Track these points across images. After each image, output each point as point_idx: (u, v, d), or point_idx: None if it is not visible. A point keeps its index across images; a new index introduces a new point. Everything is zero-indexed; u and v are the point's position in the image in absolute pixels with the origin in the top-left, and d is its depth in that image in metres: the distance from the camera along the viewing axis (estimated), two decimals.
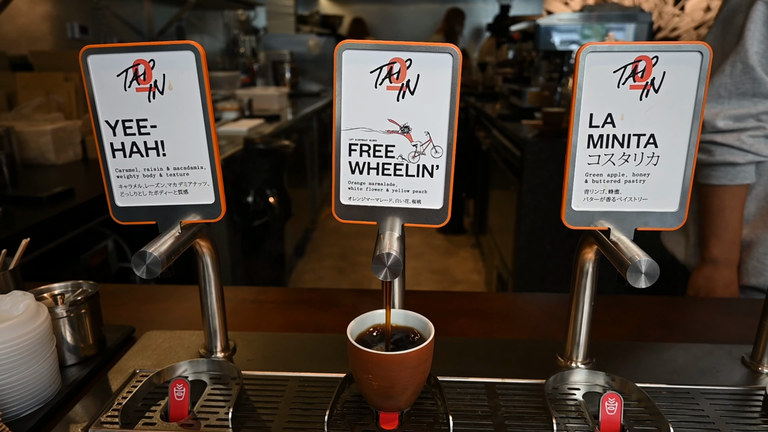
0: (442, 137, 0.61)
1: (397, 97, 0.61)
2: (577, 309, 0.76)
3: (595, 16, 3.42)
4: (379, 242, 0.61)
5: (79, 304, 0.78)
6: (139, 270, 0.59)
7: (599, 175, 0.62)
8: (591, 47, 0.57)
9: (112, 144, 0.63)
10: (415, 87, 0.60)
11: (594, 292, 0.75)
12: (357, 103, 0.61)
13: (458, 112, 0.60)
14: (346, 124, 0.62)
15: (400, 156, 0.63)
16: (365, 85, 0.60)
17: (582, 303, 0.76)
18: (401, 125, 0.61)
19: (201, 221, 0.66)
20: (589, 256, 0.73)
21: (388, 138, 0.62)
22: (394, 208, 0.64)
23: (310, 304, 0.98)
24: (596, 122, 0.60)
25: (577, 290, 0.76)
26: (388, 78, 0.60)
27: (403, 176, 0.63)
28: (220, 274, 0.77)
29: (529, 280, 2.56)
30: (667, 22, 5.25)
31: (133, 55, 0.60)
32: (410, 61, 0.59)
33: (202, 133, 0.62)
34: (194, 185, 0.64)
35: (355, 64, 0.60)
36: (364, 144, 0.62)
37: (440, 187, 0.63)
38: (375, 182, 0.64)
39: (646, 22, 3.37)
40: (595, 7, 3.62)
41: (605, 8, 3.66)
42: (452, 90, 0.60)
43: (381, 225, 0.64)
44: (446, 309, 0.97)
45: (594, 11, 3.46)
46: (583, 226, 0.64)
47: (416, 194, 0.64)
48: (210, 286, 0.77)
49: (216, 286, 0.77)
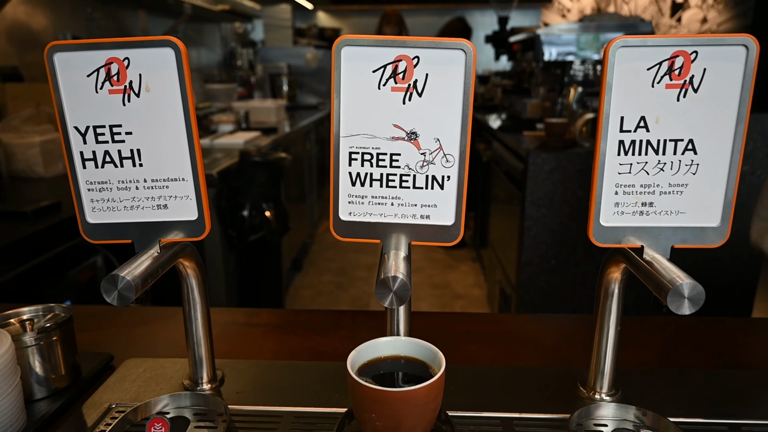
0: (453, 144, 0.55)
1: (402, 100, 0.54)
2: (601, 334, 0.69)
3: (596, 26, 3.38)
4: (384, 263, 0.53)
5: (49, 330, 0.70)
6: (109, 296, 0.52)
7: (631, 186, 0.55)
8: (622, 41, 0.51)
9: (81, 153, 0.56)
10: (423, 88, 0.53)
11: (620, 316, 0.68)
12: (358, 106, 0.54)
13: (472, 116, 0.54)
14: (345, 130, 0.55)
15: (407, 166, 0.56)
16: (367, 86, 0.54)
17: (607, 327, 0.69)
18: (408, 131, 0.55)
19: (183, 240, 0.59)
20: (615, 276, 0.66)
21: (393, 146, 0.55)
22: (400, 224, 0.57)
23: (307, 328, 0.91)
24: (628, 126, 0.53)
25: (601, 313, 0.69)
26: (392, 78, 0.53)
27: (409, 188, 0.56)
28: (206, 297, 0.70)
29: (533, 295, 2.49)
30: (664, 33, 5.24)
31: (105, 52, 0.53)
32: (417, 58, 0.53)
33: (183, 140, 0.55)
34: (175, 199, 0.57)
35: (356, 62, 0.53)
36: (366, 152, 0.55)
37: (452, 201, 0.56)
38: (378, 195, 0.57)
39: (647, 32, 3.33)
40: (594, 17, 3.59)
41: (605, 18, 3.63)
42: (465, 91, 0.53)
43: (385, 243, 0.57)
44: (453, 332, 0.89)
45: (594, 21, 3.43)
46: (613, 244, 0.57)
47: (425, 209, 0.57)
48: (195, 311, 0.70)
49: (202, 311, 0.70)
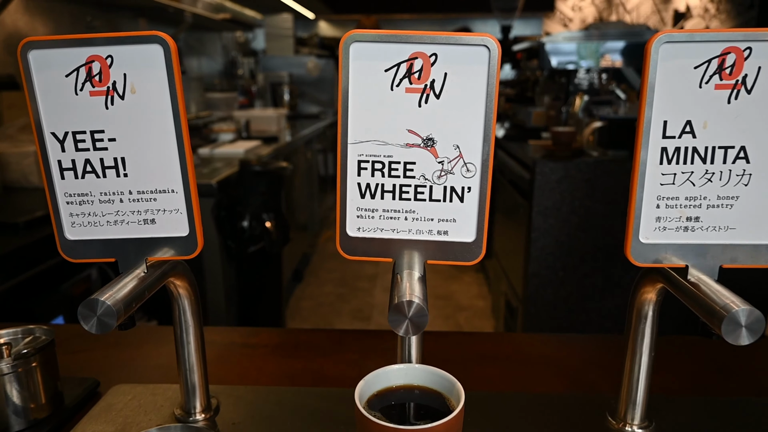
0: (475, 152, 0.49)
1: (418, 102, 0.48)
2: (633, 360, 0.63)
3: (601, 34, 3.34)
4: (397, 286, 0.47)
5: (28, 356, 0.64)
6: (87, 323, 0.46)
7: (674, 199, 0.49)
8: (666, 36, 0.45)
9: (60, 162, 0.50)
10: (442, 89, 0.48)
11: (654, 341, 0.62)
12: (368, 109, 0.48)
13: (495, 120, 0.48)
14: (354, 136, 0.49)
15: (423, 176, 0.50)
16: (379, 87, 0.48)
17: (640, 353, 0.62)
18: (424, 137, 0.49)
19: (172, 258, 0.53)
20: (650, 297, 0.60)
21: (407, 153, 0.49)
22: (415, 241, 0.51)
23: (309, 349, 0.84)
24: (672, 132, 0.47)
25: (633, 337, 0.62)
26: (407, 78, 0.48)
27: (425, 201, 0.50)
28: (199, 320, 0.64)
29: (540, 307, 2.42)
30: None
31: (85, 50, 0.47)
32: (435, 56, 0.47)
33: (173, 148, 0.49)
34: (163, 213, 0.51)
35: (367, 60, 0.47)
36: (377, 161, 0.49)
37: (473, 215, 0.50)
38: (391, 209, 0.51)
39: None
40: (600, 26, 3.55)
41: (610, 26, 3.58)
42: (488, 92, 0.47)
43: (397, 262, 0.51)
44: (467, 354, 0.83)
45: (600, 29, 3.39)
46: (653, 263, 0.51)
47: (442, 224, 0.51)
48: (187, 334, 0.64)
49: (195, 334, 0.64)
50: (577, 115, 2.97)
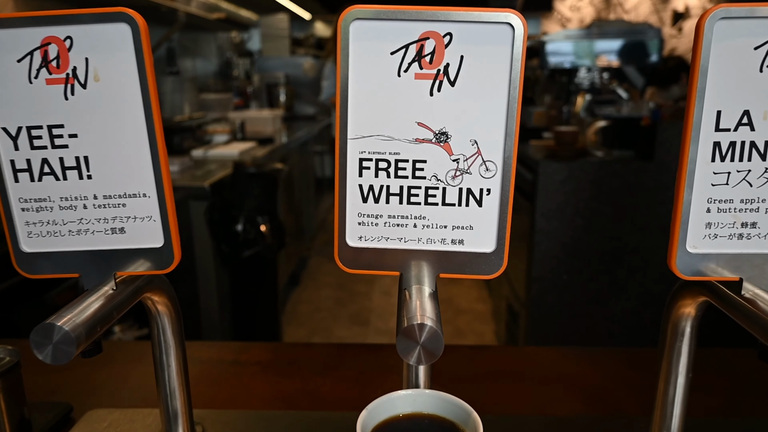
0: (495, 148, 0.42)
1: (430, 90, 0.41)
2: (668, 381, 0.56)
3: (603, 32, 3.29)
4: (405, 305, 0.41)
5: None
6: (41, 352, 0.39)
7: (728, 202, 0.42)
8: (723, 11, 0.38)
9: (12, 162, 0.43)
10: (457, 75, 0.41)
11: (692, 361, 0.55)
12: (371, 99, 0.41)
13: (520, 112, 0.41)
14: (355, 131, 0.42)
15: (435, 176, 0.43)
16: (384, 73, 0.41)
17: (675, 374, 0.56)
18: (436, 131, 0.42)
19: (145, 273, 0.46)
20: (688, 311, 0.53)
21: (416, 150, 0.42)
22: (425, 251, 0.44)
23: (305, 366, 0.77)
24: (726, 124, 0.41)
25: (668, 356, 0.56)
26: (417, 62, 0.41)
27: (438, 206, 0.44)
28: (181, 339, 0.57)
29: (544, 312, 2.35)
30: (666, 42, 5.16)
31: (40, 30, 0.40)
32: (450, 36, 0.40)
33: (144, 145, 0.42)
34: (134, 221, 0.44)
35: (369, 41, 0.40)
36: (382, 159, 0.43)
37: (492, 221, 0.44)
38: (397, 214, 0.44)
39: (656, 39, 3.24)
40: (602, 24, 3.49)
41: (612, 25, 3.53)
42: (512, 78, 0.41)
43: (405, 276, 0.44)
44: (478, 371, 0.76)
45: (601, 28, 3.33)
46: (703, 276, 0.44)
47: (457, 232, 0.44)
48: (168, 356, 0.57)
49: (177, 355, 0.57)
50: (579, 115, 2.91)
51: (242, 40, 5.47)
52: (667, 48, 5.03)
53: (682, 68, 3.84)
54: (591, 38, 3.30)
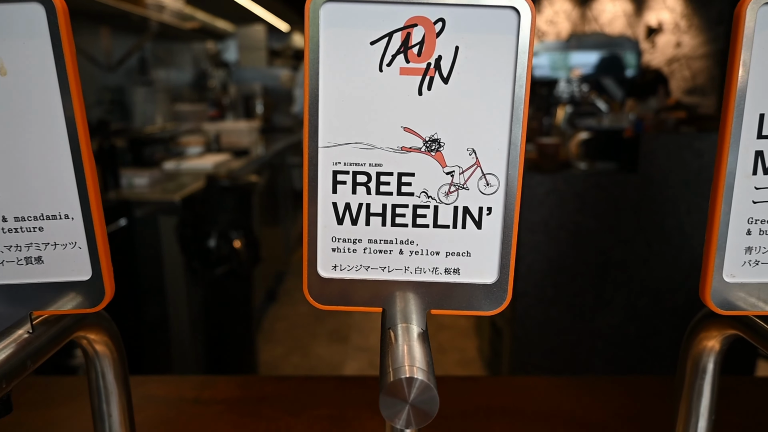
0: (497, 159, 0.35)
1: (419, 89, 0.34)
2: (687, 424, 0.49)
3: (582, 45, 3.29)
4: (390, 349, 0.33)
5: None
6: None
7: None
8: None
9: None
10: (451, 70, 0.34)
11: (715, 401, 0.48)
12: (347, 99, 0.34)
13: (527, 114, 0.34)
14: (327, 138, 0.35)
15: (425, 192, 0.36)
16: (362, 68, 0.34)
17: (696, 416, 0.49)
18: (426, 138, 0.35)
19: (70, 312, 0.37)
20: (712, 345, 0.46)
21: (402, 160, 0.35)
22: (414, 283, 0.37)
23: (276, 404, 0.69)
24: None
25: (687, 396, 0.49)
26: (402, 54, 0.33)
27: (428, 228, 0.36)
28: (125, 383, 0.48)
29: (528, 328, 2.29)
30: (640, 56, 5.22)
31: None
32: (442, 22, 0.33)
33: (65, 154, 0.34)
34: (54, 249, 0.36)
35: (344, 28, 0.33)
36: (361, 172, 0.35)
37: (494, 247, 0.36)
38: (380, 238, 0.36)
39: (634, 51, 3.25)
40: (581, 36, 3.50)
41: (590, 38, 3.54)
42: (517, 74, 0.34)
43: (389, 313, 0.37)
44: (470, 406, 0.68)
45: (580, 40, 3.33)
46: (742, 311, 0.37)
47: (452, 259, 0.36)
48: (109, 404, 0.48)
49: (120, 404, 0.48)
50: (560, 127, 2.89)
51: (218, 51, 5.37)
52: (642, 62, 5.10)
53: (660, 81, 3.87)
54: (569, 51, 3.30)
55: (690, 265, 2.20)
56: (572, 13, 5.06)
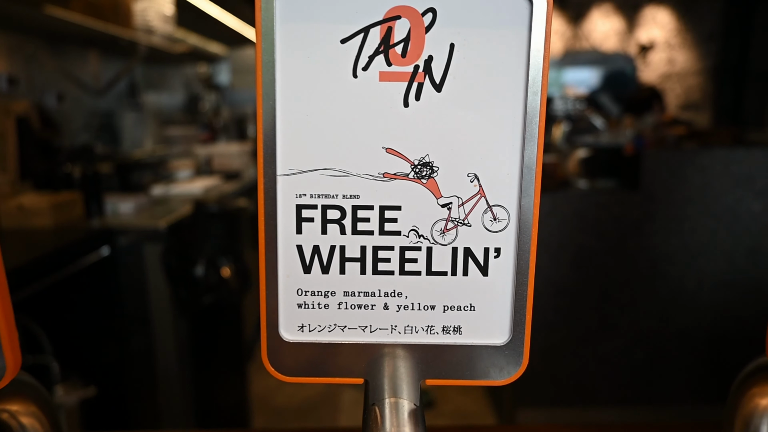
0: (508, 186, 0.27)
1: (404, 98, 0.26)
2: None
3: (576, 61, 3.26)
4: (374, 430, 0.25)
5: None
6: None
7: None
8: None
9: None
10: (445, 74, 0.26)
11: None
12: (313, 113, 0.26)
13: (544, 129, 0.26)
14: (287, 162, 0.27)
15: (414, 230, 0.28)
16: (331, 73, 0.26)
17: None
18: (415, 161, 0.27)
19: None
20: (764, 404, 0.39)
21: (386, 190, 0.27)
22: (404, 346, 0.29)
23: None
24: None
25: None
26: (383, 54, 0.26)
27: (421, 275, 0.28)
28: None
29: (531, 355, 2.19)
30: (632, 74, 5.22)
31: None
32: (433, 14, 0.26)
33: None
34: None
35: (307, 22, 0.26)
36: (333, 206, 0.27)
37: (505, 298, 0.28)
38: (359, 290, 0.28)
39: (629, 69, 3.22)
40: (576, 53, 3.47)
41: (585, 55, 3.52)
42: (531, 78, 0.26)
43: (373, 386, 0.28)
44: None
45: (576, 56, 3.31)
46: None
47: (451, 314, 0.29)
48: None
49: None
50: (557, 145, 2.84)
51: (210, 75, 5.34)
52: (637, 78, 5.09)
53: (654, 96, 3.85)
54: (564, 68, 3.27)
55: (696, 285, 2.12)
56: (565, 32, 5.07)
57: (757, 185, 2.05)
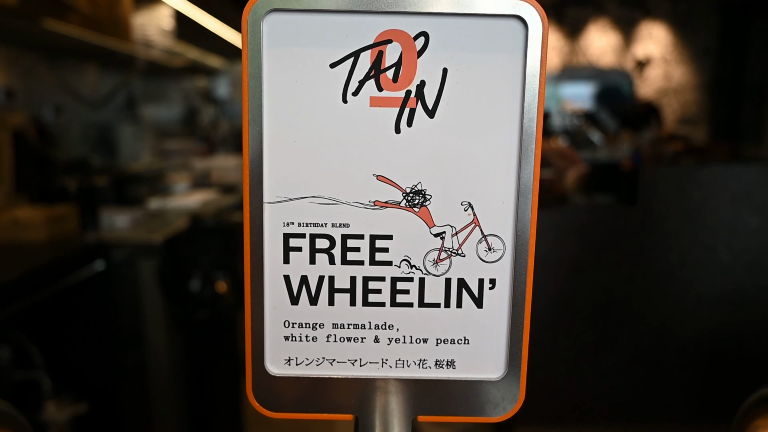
0: (503, 215, 0.26)
1: (395, 124, 0.26)
2: None
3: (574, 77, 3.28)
4: None
5: None
6: None
7: None
8: None
9: None
10: (438, 100, 0.25)
11: None
12: (301, 139, 0.26)
13: (540, 156, 0.26)
14: (274, 190, 0.26)
15: (406, 260, 0.27)
16: (320, 98, 0.25)
17: None
18: (406, 189, 0.26)
19: None
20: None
21: (376, 219, 0.26)
22: (395, 381, 0.28)
23: None
24: None
25: None
26: (373, 79, 0.25)
27: (413, 307, 0.27)
28: None
29: (528, 371, 2.17)
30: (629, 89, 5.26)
31: None
32: (425, 38, 0.25)
33: None
34: None
35: (295, 46, 0.25)
36: (321, 235, 0.26)
37: (500, 331, 0.27)
38: (348, 322, 0.27)
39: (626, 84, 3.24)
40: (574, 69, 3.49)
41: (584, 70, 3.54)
42: (526, 104, 0.25)
43: (363, 423, 0.27)
44: None
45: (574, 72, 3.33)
46: None
47: (445, 348, 0.28)
48: None
49: None
50: None
51: (209, 88, 5.36)
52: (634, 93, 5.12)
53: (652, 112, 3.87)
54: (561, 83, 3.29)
55: (696, 301, 2.11)
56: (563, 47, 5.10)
57: (755, 201, 2.05)
